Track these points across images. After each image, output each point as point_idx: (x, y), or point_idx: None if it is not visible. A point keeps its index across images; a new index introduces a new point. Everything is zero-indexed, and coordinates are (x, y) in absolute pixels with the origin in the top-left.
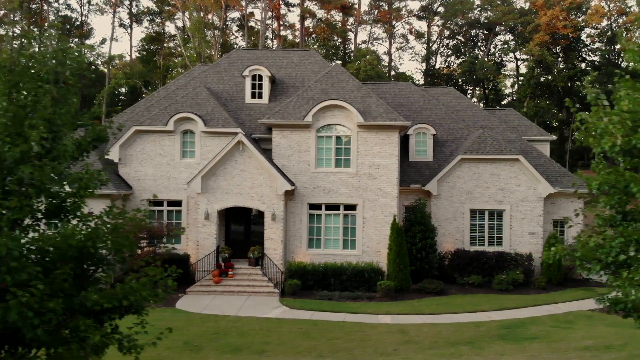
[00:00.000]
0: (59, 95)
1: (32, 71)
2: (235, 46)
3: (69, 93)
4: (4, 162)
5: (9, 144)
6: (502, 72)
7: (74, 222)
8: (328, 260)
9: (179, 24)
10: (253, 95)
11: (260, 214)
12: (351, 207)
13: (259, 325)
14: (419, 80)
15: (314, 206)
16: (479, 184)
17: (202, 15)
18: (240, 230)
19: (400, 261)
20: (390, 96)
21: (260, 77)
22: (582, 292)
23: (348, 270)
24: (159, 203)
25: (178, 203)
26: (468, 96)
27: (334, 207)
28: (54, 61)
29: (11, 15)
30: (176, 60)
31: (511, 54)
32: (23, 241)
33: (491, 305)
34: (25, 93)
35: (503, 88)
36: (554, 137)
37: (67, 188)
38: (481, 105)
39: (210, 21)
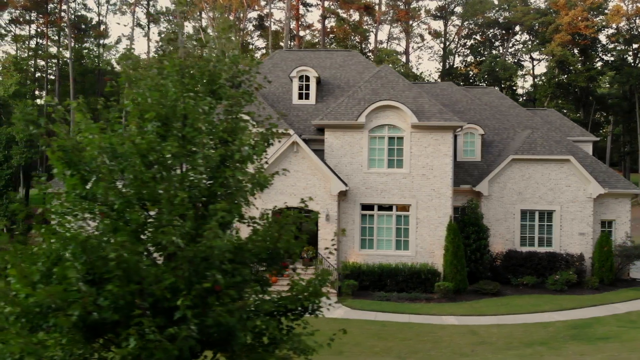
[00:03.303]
0: (241, 99)
1: (200, 75)
2: (251, 46)
3: (250, 97)
4: (206, 166)
5: (211, 147)
6: (520, 73)
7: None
8: (381, 261)
9: (203, 23)
10: (300, 96)
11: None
12: (404, 208)
13: (327, 326)
14: (437, 80)
15: (366, 207)
16: (529, 184)
17: (226, 16)
18: None
19: (457, 262)
20: (432, 96)
21: (307, 78)
22: (634, 292)
23: (404, 271)
24: None
25: None
26: None
27: (387, 207)
28: (223, 66)
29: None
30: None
31: (527, 54)
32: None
33: (551, 306)
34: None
35: (514, 88)
36: (597, 137)
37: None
38: None
39: (235, 22)
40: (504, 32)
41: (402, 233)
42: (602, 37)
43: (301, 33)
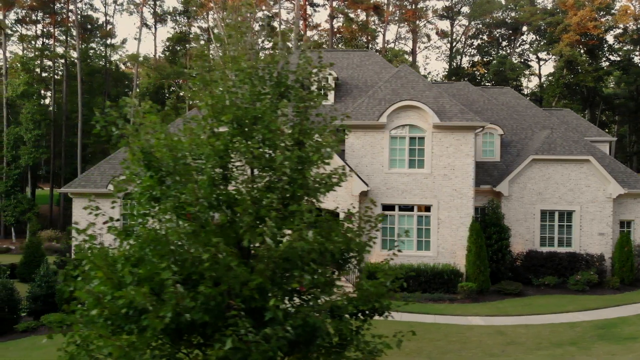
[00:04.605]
0: (315, 100)
1: (269, 77)
2: (256, 46)
3: (321, 97)
4: (282, 168)
5: (288, 150)
6: (527, 73)
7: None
8: (403, 261)
9: (211, 24)
10: None
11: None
12: (425, 208)
13: None
14: (444, 80)
15: (387, 207)
16: (549, 184)
17: (235, 16)
18: None
19: (480, 263)
20: (450, 96)
21: (326, 79)
22: None
23: (427, 272)
24: None
25: None
26: None
27: (408, 208)
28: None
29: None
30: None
31: (534, 54)
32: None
33: (575, 306)
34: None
35: (521, 88)
36: (613, 137)
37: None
38: None
39: (248, 22)
40: (510, 32)
41: (424, 233)
42: (609, 37)
43: (308, 33)
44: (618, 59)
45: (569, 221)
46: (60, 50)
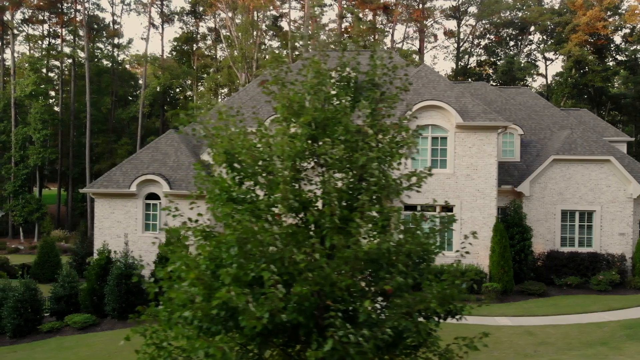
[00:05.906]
0: (390, 101)
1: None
2: (263, 46)
3: (396, 99)
4: (370, 169)
5: (362, 149)
6: (535, 73)
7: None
8: None
9: (219, 24)
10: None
11: None
12: (447, 209)
13: None
14: (451, 80)
15: (408, 207)
16: (569, 184)
17: (247, 16)
18: None
19: (505, 263)
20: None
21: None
22: None
23: (449, 272)
24: None
25: None
26: None
27: (430, 208)
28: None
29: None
30: (211, 61)
31: (541, 54)
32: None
33: (599, 306)
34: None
35: (529, 88)
36: (631, 138)
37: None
38: None
39: (257, 22)
40: (517, 32)
41: (445, 234)
42: (617, 37)
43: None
44: (625, 58)
45: (589, 221)
46: (67, 50)
